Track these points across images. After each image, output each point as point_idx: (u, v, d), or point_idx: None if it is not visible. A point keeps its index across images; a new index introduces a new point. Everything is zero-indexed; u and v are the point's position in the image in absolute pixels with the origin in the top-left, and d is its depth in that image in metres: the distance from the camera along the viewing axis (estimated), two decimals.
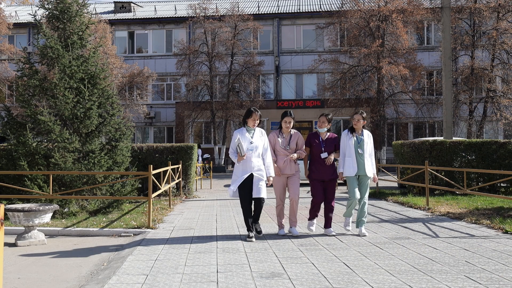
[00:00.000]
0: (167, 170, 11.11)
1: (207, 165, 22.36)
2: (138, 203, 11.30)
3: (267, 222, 8.64)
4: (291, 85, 34.43)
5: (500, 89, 27.83)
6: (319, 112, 30.97)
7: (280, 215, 7.34)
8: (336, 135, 7.37)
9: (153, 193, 9.03)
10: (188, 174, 14.02)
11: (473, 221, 8.29)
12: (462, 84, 28.12)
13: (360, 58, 27.59)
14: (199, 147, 23.69)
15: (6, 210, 7.07)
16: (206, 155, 27.65)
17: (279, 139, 7.16)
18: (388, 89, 28.49)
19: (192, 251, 6.19)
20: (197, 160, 18.02)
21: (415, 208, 10.45)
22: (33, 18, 10.65)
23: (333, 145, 7.24)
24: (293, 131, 7.24)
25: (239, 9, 32.10)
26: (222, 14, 31.03)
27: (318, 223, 7.89)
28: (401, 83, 27.98)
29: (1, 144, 11.40)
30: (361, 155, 7.14)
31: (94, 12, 30.35)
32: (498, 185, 12.43)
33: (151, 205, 8.46)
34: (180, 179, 13.41)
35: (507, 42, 26.08)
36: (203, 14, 30.53)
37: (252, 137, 6.82)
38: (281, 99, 33.51)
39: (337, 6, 33.11)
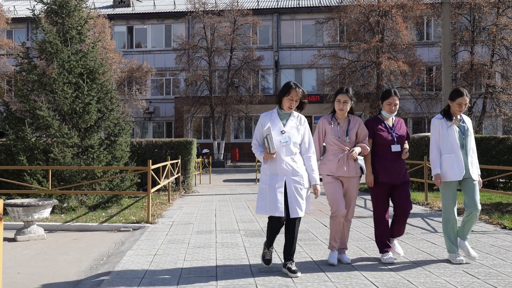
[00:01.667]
0: (166, 165, 11.11)
1: (206, 160, 22.36)
2: (137, 198, 11.30)
3: (266, 217, 8.61)
4: (290, 80, 34.32)
5: (500, 84, 27.80)
6: (318, 107, 31.11)
7: (336, 230, 5.19)
8: (402, 119, 5.48)
9: (152, 188, 9.03)
10: (187, 169, 14.02)
11: None
12: (462, 80, 28.09)
13: (359, 53, 27.54)
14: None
15: (5, 205, 7.07)
16: (205, 150, 27.66)
17: (332, 126, 5.18)
18: (387, 84, 28.44)
19: (191, 245, 6.20)
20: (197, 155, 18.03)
21: (413, 203, 10.46)
22: (32, 13, 10.61)
23: (405, 134, 5.33)
24: (351, 116, 5.23)
25: (238, 4, 32.00)
26: (221, 9, 30.95)
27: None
28: (400, 79, 27.96)
29: (0, 139, 11.39)
30: (465, 150, 5.11)
31: (92, 6, 30.20)
32: (497, 180, 12.44)
33: (150, 200, 8.47)
34: (179, 174, 13.41)
35: (506, 38, 26.04)
36: (202, 9, 30.45)
37: (284, 125, 4.71)
38: None
39: (336, 1, 32.96)
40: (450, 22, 16.51)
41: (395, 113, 5.28)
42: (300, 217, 4.69)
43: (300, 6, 34.80)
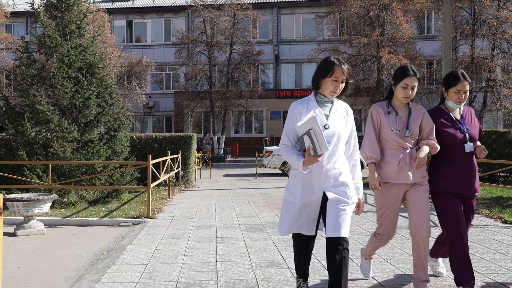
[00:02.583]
0: (166, 160, 11.10)
1: (206, 155, 22.34)
2: (137, 193, 11.30)
3: (266, 212, 8.64)
4: (290, 74, 34.33)
5: (500, 78, 27.74)
6: None
7: (375, 247, 4.32)
8: (471, 109, 4.26)
9: (152, 183, 9.03)
10: (187, 163, 14.01)
11: None
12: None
13: (359, 47, 27.46)
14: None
15: (5, 199, 7.07)
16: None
17: (389, 117, 3.95)
18: (387, 78, 28.36)
19: (191, 240, 6.20)
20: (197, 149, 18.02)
21: None
22: (31, 7, 10.56)
23: (478, 129, 4.10)
24: (412, 103, 4.04)
25: None
26: (221, 3, 30.83)
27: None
28: None
29: (0, 134, 11.37)
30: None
31: (92, 0, 30.11)
32: (498, 174, 12.44)
33: (150, 194, 8.47)
34: (179, 168, 13.40)
35: (507, 31, 25.94)
36: (202, 3, 30.33)
37: (327, 118, 3.44)
38: (281, 89, 33.42)
39: None
40: (450, 16, 16.44)
41: (465, 102, 4.03)
42: (346, 241, 3.27)
43: (300, 0, 34.68)
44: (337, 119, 3.45)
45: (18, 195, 7.27)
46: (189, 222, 7.69)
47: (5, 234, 7.00)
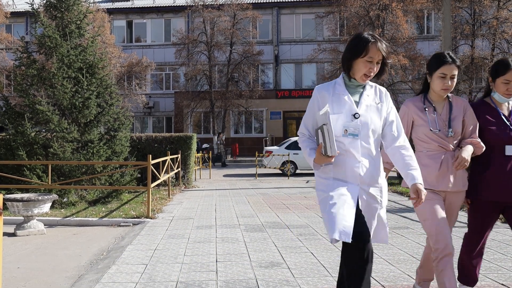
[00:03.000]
0: (166, 160, 11.10)
1: (206, 155, 22.35)
2: (137, 193, 11.30)
3: (266, 212, 8.64)
4: (290, 74, 34.32)
5: None
6: None
7: (425, 273, 3.66)
8: None
9: (152, 183, 9.02)
10: (187, 164, 14.01)
11: None
12: (462, 74, 28.02)
13: None
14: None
15: (5, 200, 7.07)
16: (205, 145, 27.64)
17: (425, 114, 3.43)
18: (387, 78, 28.40)
19: (191, 240, 6.20)
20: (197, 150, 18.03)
21: None
22: (31, 7, 10.56)
23: None
24: (452, 96, 3.49)
25: None
26: (221, 3, 30.82)
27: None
28: (400, 73, 27.89)
29: (0, 134, 11.38)
30: None
31: (92, 1, 30.12)
32: None
33: (150, 195, 8.47)
34: (179, 169, 13.40)
35: (507, 32, 25.95)
36: (202, 3, 30.32)
37: (358, 105, 2.92)
38: (280, 89, 33.41)
39: None
40: (450, 16, 16.45)
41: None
42: (371, 250, 2.79)
43: (300, 0, 34.68)
44: (369, 106, 2.90)
45: (18, 195, 7.27)
46: (189, 222, 7.69)
47: (5, 234, 6.99)
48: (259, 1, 34.36)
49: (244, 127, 34.05)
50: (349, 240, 2.66)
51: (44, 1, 10.54)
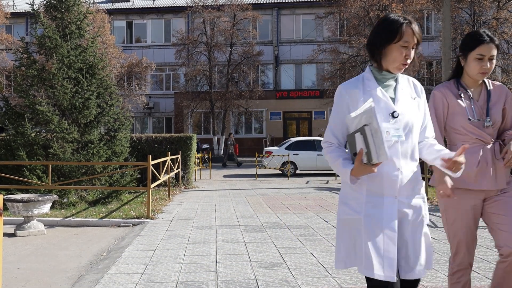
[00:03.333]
0: (166, 160, 11.10)
1: (206, 156, 22.36)
2: (137, 194, 11.30)
3: (266, 212, 8.65)
4: (290, 75, 34.33)
5: (500, 79, 27.76)
6: (318, 102, 31.09)
7: None
8: None
9: (152, 183, 9.03)
10: (187, 164, 14.02)
11: None
12: None
13: (359, 48, 27.47)
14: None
15: (5, 200, 7.07)
16: (205, 146, 27.64)
17: (463, 101, 2.96)
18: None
19: (191, 241, 6.20)
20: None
21: None
22: (31, 8, 10.57)
23: None
24: (490, 82, 3.07)
25: None
26: (221, 3, 30.84)
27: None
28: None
29: (0, 135, 11.38)
30: None
31: (92, 1, 30.12)
32: None
33: (150, 195, 8.47)
34: (179, 169, 13.41)
35: (507, 32, 25.98)
36: (202, 4, 30.34)
37: (394, 101, 2.40)
38: (280, 89, 33.42)
39: None
40: (450, 16, 16.46)
41: None
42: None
43: (300, 0, 34.68)
44: (407, 102, 2.40)
45: (18, 196, 7.27)
46: (189, 222, 7.69)
47: (5, 234, 7.00)
48: (259, 2, 34.38)
49: (244, 127, 34.05)
50: (395, 279, 2.23)
51: (44, 2, 10.55)
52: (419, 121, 2.44)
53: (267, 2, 34.85)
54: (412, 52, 2.36)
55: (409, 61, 2.36)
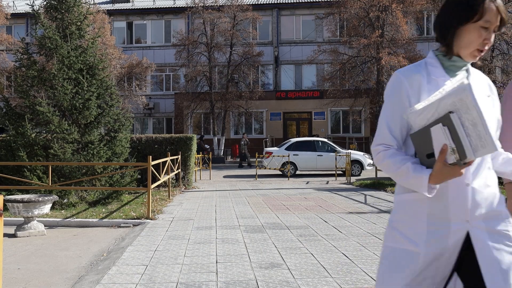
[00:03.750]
0: (167, 161, 11.11)
1: (206, 156, 22.37)
2: (137, 194, 11.31)
3: (266, 213, 8.65)
4: (290, 75, 34.33)
5: (500, 80, 27.77)
6: (318, 103, 31.10)
7: None
8: None
9: (152, 184, 9.03)
10: (187, 165, 14.02)
11: None
12: None
13: (359, 49, 27.49)
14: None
15: (5, 201, 7.07)
16: (205, 146, 27.63)
17: None
18: (387, 80, 28.40)
19: (191, 241, 6.20)
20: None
21: None
22: (31, 8, 10.58)
23: None
24: None
25: None
26: (221, 4, 30.85)
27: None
28: None
29: (0, 135, 11.39)
30: None
31: (92, 2, 30.14)
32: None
33: (150, 196, 8.47)
34: (179, 170, 13.41)
35: (507, 33, 25.97)
36: (202, 4, 30.35)
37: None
38: (280, 90, 33.43)
39: None
40: None
41: None
42: None
43: (300, 1, 34.70)
44: (481, 100, 1.78)
45: (18, 196, 7.28)
46: (189, 223, 7.70)
47: (5, 235, 7.00)
48: (259, 2, 34.40)
49: (244, 128, 34.06)
50: None
51: (45, 3, 10.56)
52: (495, 124, 1.89)
53: (267, 2, 34.87)
54: (493, 37, 1.86)
55: (487, 47, 1.88)
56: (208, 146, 28.02)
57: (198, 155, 18.78)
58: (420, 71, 1.91)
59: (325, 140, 19.96)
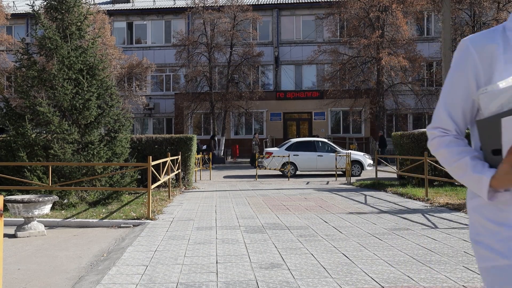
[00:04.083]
0: (167, 161, 11.10)
1: (206, 157, 22.38)
2: (137, 194, 11.30)
3: (266, 213, 8.65)
4: (290, 76, 34.34)
5: None
6: (318, 103, 31.09)
7: None
8: None
9: (152, 184, 9.03)
10: (187, 165, 14.02)
11: None
12: None
13: (359, 49, 27.51)
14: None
15: (5, 201, 7.08)
16: (204, 147, 27.65)
17: None
18: (387, 80, 28.42)
19: (191, 242, 6.20)
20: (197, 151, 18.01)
21: (414, 199, 10.47)
22: (31, 9, 10.59)
23: None
24: None
25: None
26: (221, 4, 30.86)
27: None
28: (400, 74, 27.93)
29: (0, 136, 11.39)
30: None
31: (92, 2, 30.13)
32: None
33: (150, 196, 8.47)
34: (180, 170, 13.41)
35: None
36: (202, 5, 30.36)
37: None
38: (281, 90, 33.43)
39: None
40: (450, 17, 16.47)
41: None
42: None
43: (300, 1, 34.70)
44: None
45: (18, 197, 7.28)
46: (189, 223, 7.70)
47: (5, 235, 7.00)
48: (259, 3, 34.40)
49: (244, 128, 34.06)
50: None
51: (45, 3, 10.57)
52: None
53: (267, 3, 34.87)
54: None
55: None
56: (207, 147, 28.03)
57: (198, 155, 18.76)
58: (495, 40, 1.50)
59: (325, 140, 19.96)
